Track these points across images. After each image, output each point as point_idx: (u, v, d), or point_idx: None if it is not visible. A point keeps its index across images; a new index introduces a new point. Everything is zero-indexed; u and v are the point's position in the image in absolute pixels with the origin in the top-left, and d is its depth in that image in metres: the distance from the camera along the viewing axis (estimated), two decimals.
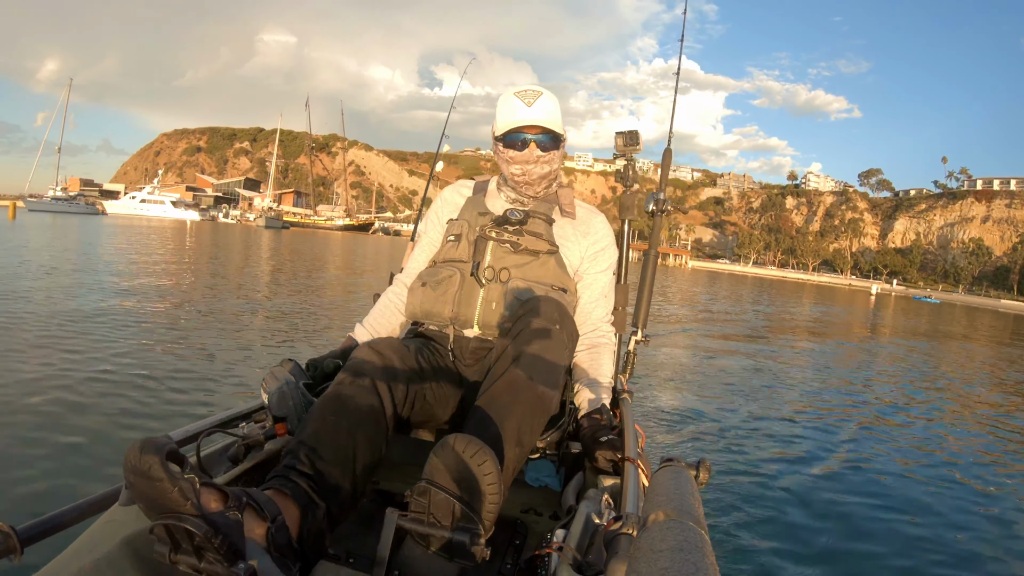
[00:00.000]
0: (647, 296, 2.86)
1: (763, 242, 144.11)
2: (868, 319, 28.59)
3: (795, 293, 46.55)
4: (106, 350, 6.68)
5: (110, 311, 9.18)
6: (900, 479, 5.20)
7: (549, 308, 1.60)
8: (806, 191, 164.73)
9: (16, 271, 13.15)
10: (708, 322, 17.95)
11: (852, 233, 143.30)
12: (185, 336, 8.02)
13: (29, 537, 1.05)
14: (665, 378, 8.34)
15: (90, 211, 75.78)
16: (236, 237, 45.90)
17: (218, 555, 0.98)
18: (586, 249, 1.98)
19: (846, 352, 14.69)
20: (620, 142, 2.59)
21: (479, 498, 1.14)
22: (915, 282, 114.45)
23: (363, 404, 1.42)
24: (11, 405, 4.66)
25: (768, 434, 6.04)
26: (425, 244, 2.11)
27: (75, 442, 4.04)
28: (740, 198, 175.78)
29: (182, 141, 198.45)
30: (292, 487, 1.23)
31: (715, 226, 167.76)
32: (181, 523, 0.96)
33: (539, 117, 1.85)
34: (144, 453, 0.96)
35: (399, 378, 1.54)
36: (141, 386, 5.46)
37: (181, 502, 0.96)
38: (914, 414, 8.12)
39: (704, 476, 1.33)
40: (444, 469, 1.14)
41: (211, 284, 14.80)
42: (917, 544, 3.95)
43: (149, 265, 17.73)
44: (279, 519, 1.14)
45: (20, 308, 8.78)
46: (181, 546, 1.00)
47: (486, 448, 1.15)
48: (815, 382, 9.60)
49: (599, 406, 1.74)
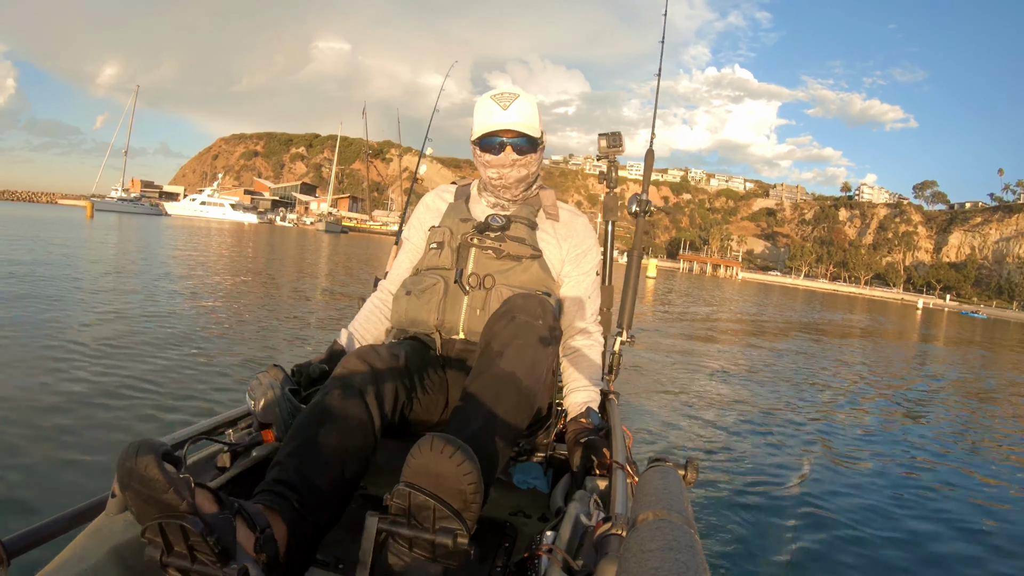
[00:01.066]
0: (631, 297, 2.85)
1: (815, 254, 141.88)
2: (900, 329, 28.42)
3: (844, 306, 45.97)
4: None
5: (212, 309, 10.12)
6: (898, 477, 5.31)
7: (531, 304, 1.58)
8: (859, 203, 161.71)
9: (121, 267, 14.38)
10: (711, 322, 18.28)
11: (905, 247, 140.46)
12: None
13: (16, 549, 1.05)
14: (653, 379, 8.36)
15: (154, 212, 78.92)
16: (302, 241, 47.34)
17: (211, 555, 0.99)
18: (568, 251, 2.00)
19: (855, 357, 14.78)
20: (603, 144, 2.56)
21: (459, 497, 1.13)
22: (969, 298, 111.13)
23: (351, 415, 1.42)
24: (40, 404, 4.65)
25: (758, 433, 6.11)
26: (409, 250, 2.12)
27: (63, 452, 3.91)
28: (793, 209, 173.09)
29: (240, 145, 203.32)
30: (280, 502, 1.23)
31: (767, 237, 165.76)
32: (177, 520, 0.97)
33: (515, 120, 1.85)
34: (140, 454, 0.97)
35: (387, 387, 1.53)
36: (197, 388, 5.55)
37: (177, 501, 0.97)
38: (909, 416, 8.26)
39: (692, 475, 1.38)
40: (422, 470, 1.13)
41: (304, 286, 16.01)
42: (916, 544, 4.00)
43: (254, 268, 19.14)
44: (267, 531, 1.15)
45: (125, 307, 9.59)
46: (174, 548, 1.01)
47: (464, 447, 1.15)
48: (816, 383, 9.71)
49: (585, 409, 1.78)
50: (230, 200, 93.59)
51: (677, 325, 16.55)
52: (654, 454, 1.40)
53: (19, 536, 1.06)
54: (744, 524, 3.90)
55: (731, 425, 6.34)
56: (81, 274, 12.50)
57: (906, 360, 15.82)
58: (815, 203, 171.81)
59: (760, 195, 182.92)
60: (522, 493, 1.80)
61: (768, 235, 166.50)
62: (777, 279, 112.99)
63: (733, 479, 4.67)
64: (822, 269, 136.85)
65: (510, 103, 1.85)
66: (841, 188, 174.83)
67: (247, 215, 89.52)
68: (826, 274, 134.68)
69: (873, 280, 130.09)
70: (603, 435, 1.65)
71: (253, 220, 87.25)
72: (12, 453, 3.76)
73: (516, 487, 1.80)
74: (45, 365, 5.59)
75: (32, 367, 5.53)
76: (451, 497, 1.13)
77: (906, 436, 6.95)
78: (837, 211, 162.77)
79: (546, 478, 1.81)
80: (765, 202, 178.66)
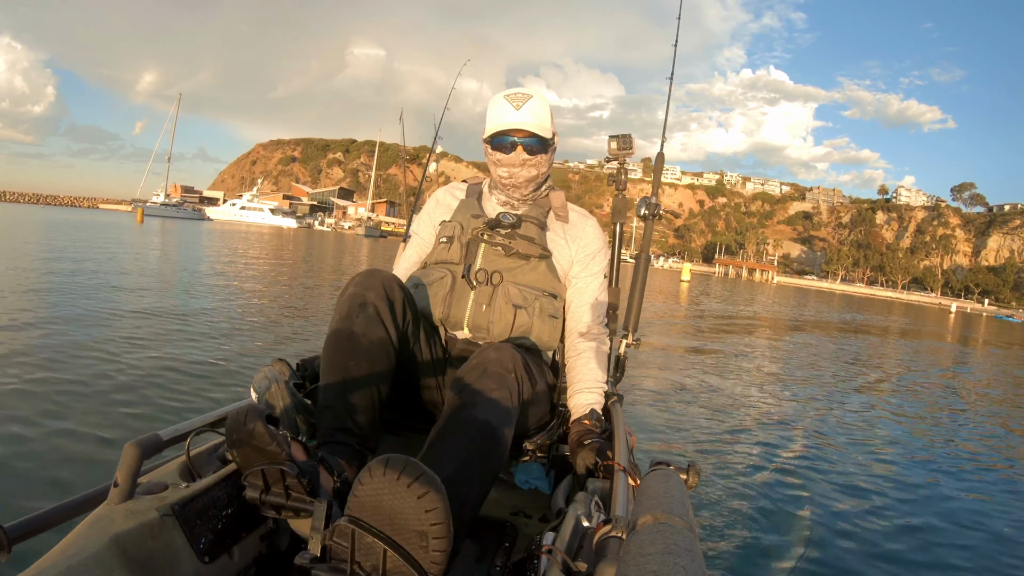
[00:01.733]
0: (638, 299, 2.82)
1: (851, 258, 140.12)
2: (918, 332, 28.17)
3: (878, 310, 45.27)
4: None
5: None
6: (894, 477, 5.33)
7: (504, 357, 1.51)
8: (897, 206, 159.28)
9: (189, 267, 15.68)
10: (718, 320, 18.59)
11: (943, 250, 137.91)
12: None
13: (17, 535, 1.05)
14: (660, 381, 8.26)
15: (197, 216, 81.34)
16: (342, 244, 48.51)
17: (303, 492, 1.15)
18: (577, 253, 2.00)
19: (860, 358, 14.69)
20: (614, 146, 2.54)
21: (420, 542, 0.98)
22: (1008, 302, 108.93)
23: (374, 336, 1.53)
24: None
25: (760, 438, 6.02)
26: (417, 244, 2.13)
27: (66, 437, 4.05)
28: (829, 213, 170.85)
29: (277, 151, 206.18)
30: (346, 451, 1.40)
31: (803, 241, 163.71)
32: (278, 466, 1.12)
33: (526, 120, 1.86)
34: (249, 417, 1.12)
35: (396, 303, 1.60)
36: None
37: (278, 452, 1.13)
38: (900, 417, 8.21)
39: (694, 479, 1.36)
40: (371, 501, 0.99)
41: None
42: (914, 543, 3.98)
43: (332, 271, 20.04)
44: (344, 475, 1.31)
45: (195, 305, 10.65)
46: (272, 488, 1.16)
47: (429, 474, 0.98)
48: (815, 386, 9.64)
49: (589, 411, 1.77)
50: (269, 205, 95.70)
51: (697, 323, 16.98)
52: (656, 457, 1.39)
53: (21, 523, 1.07)
54: (747, 530, 3.85)
55: (737, 428, 6.28)
56: (162, 276, 14.24)
57: (936, 364, 15.83)
58: (852, 206, 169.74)
59: (796, 198, 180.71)
60: (523, 493, 1.80)
61: (804, 239, 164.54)
62: (813, 283, 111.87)
63: (737, 484, 4.60)
64: (859, 273, 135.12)
65: (523, 103, 1.88)
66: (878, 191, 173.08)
67: (286, 220, 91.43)
68: (863, 278, 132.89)
69: (910, 284, 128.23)
70: (606, 437, 1.66)
71: (292, 224, 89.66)
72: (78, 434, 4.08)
73: (517, 487, 1.79)
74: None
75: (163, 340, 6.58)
76: (408, 542, 0.98)
77: (931, 444, 6.85)
78: (874, 214, 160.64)
79: (548, 479, 1.79)
80: (801, 205, 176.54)
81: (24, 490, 3.31)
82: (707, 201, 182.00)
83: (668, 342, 12.65)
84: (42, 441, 3.93)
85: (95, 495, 1.19)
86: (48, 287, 10.24)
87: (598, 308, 2.01)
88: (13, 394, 4.70)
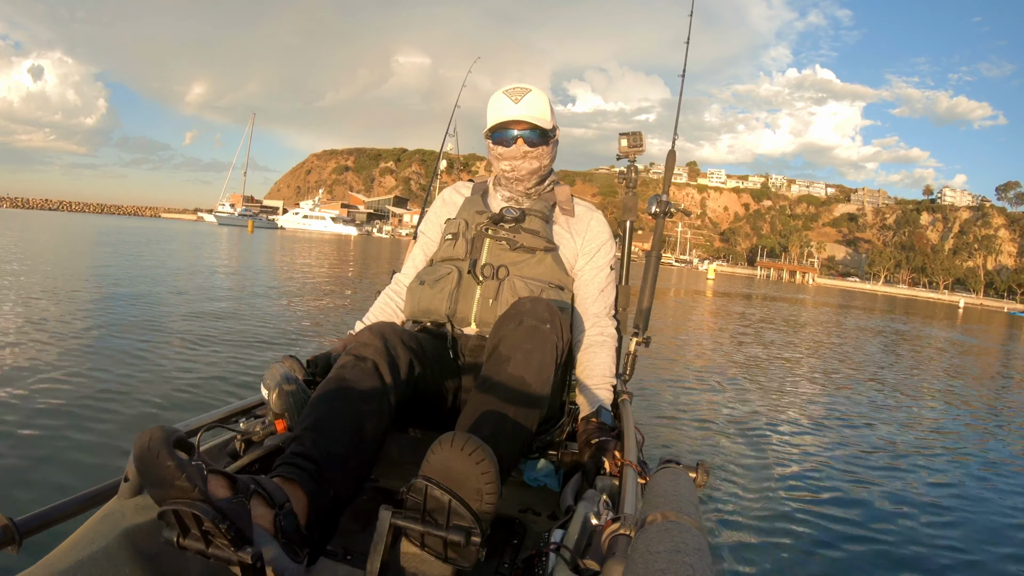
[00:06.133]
0: (648, 298, 2.78)
1: (894, 260, 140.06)
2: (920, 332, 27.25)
3: (902, 310, 42.72)
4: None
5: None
6: (903, 478, 5.01)
7: (539, 308, 1.54)
8: (941, 206, 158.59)
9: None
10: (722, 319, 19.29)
11: (986, 251, 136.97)
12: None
13: (28, 529, 1.05)
14: (671, 378, 8.01)
15: (270, 225, 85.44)
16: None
17: (225, 540, 0.99)
18: (583, 245, 1.98)
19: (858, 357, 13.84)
20: (624, 144, 2.51)
21: (477, 497, 1.10)
22: None
23: (366, 386, 1.42)
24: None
25: (771, 436, 5.79)
26: (424, 243, 2.13)
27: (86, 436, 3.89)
28: (875, 214, 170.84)
29: (331, 160, 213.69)
30: (299, 473, 1.22)
31: (848, 243, 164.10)
32: (189, 508, 0.97)
33: (525, 113, 1.86)
34: (153, 440, 0.97)
35: (400, 359, 1.52)
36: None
37: (188, 488, 0.97)
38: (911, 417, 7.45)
39: (703, 478, 1.36)
40: (441, 466, 1.10)
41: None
42: (915, 544, 3.75)
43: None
44: (287, 506, 1.14)
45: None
46: (189, 531, 1.01)
47: (485, 446, 1.11)
48: (815, 388, 9.05)
49: (598, 408, 1.75)
50: (330, 213, 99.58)
51: (711, 319, 17.99)
52: (665, 455, 1.36)
53: (32, 516, 1.07)
54: (756, 529, 3.70)
55: (750, 428, 6.01)
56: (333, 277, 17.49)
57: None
58: (897, 207, 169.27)
59: (842, 200, 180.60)
60: (532, 490, 1.79)
61: (850, 240, 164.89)
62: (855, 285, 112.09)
63: (747, 483, 4.45)
64: (903, 275, 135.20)
65: (522, 97, 1.88)
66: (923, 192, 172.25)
67: (347, 227, 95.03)
68: (906, 280, 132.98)
69: (954, 285, 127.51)
70: (615, 435, 1.64)
71: (353, 232, 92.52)
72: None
73: (526, 484, 1.79)
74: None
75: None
76: (468, 496, 1.09)
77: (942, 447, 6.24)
78: (919, 215, 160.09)
79: (557, 476, 1.77)
80: (846, 207, 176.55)
81: (57, 477, 3.29)
82: (752, 204, 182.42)
83: (679, 339, 12.38)
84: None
85: (105, 490, 1.22)
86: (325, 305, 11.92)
87: (605, 300, 1.99)
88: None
